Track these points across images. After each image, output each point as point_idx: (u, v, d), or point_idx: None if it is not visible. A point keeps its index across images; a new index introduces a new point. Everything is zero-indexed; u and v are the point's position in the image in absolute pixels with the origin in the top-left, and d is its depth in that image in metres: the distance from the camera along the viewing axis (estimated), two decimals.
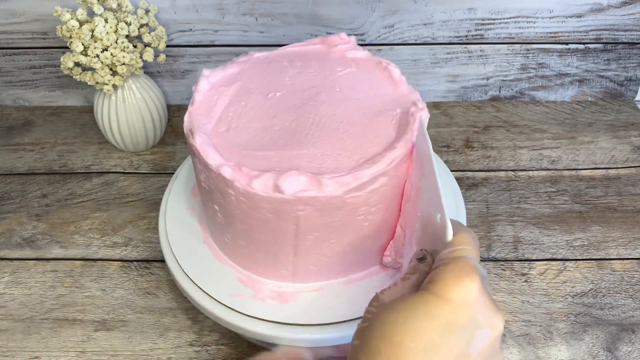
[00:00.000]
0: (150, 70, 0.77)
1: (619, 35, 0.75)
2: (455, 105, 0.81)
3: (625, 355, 0.51)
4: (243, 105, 0.47)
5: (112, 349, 0.52)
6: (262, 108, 0.47)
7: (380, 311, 0.31)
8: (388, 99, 0.47)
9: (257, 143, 0.44)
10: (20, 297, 0.57)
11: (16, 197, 0.68)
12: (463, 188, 0.67)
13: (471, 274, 0.30)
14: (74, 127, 0.78)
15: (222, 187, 0.42)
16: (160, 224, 0.53)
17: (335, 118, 0.45)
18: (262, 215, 0.42)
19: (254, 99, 0.48)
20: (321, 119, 0.45)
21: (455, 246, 0.33)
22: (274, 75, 0.50)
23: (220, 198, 0.43)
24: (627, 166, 0.70)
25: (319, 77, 0.50)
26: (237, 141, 0.44)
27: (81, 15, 0.61)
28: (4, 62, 0.77)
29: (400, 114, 0.45)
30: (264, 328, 0.44)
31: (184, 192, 0.56)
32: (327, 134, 0.44)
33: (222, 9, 0.72)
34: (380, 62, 0.51)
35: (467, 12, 0.72)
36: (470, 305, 0.30)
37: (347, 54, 0.53)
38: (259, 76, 0.50)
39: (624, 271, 0.58)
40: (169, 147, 0.74)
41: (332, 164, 0.41)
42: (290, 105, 0.47)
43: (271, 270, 0.47)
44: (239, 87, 0.49)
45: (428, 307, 0.30)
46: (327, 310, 0.45)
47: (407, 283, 0.34)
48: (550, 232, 0.62)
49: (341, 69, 0.51)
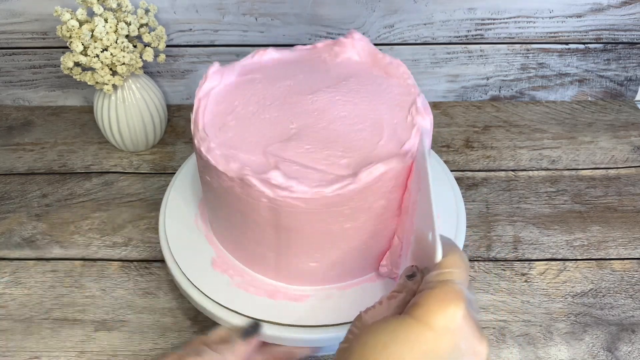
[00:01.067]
0: (150, 70, 0.77)
1: (619, 35, 0.75)
2: (455, 105, 0.81)
3: (625, 355, 0.51)
4: (247, 98, 0.47)
5: (112, 349, 0.52)
6: (265, 105, 0.47)
7: (362, 333, 0.31)
8: (393, 105, 0.47)
9: (253, 140, 0.44)
10: (20, 297, 0.57)
11: (16, 197, 0.68)
12: (463, 188, 0.67)
13: (456, 300, 0.29)
14: (73, 127, 0.78)
15: (222, 182, 0.42)
16: (160, 224, 0.53)
17: (337, 122, 0.45)
18: (256, 215, 0.42)
19: (259, 95, 0.48)
20: (322, 123, 0.45)
21: (443, 269, 0.32)
22: (283, 75, 0.50)
23: (219, 191, 0.43)
24: (627, 166, 0.70)
25: (325, 79, 0.49)
26: (236, 135, 0.44)
27: (81, 15, 0.61)
28: (4, 62, 0.77)
29: (403, 122, 0.45)
30: (271, 330, 0.45)
31: (184, 192, 0.56)
32: (325, 138, 0.44)
33: (222, 9, 0.72)
34: (390, 63, 0.50)
35: (467, 12, 0.72)
36: (453, 333, 0.29)
37: (355, 57, 0.52)
38: (268, 75, 0.50)
39: (624, 271, 0.58)
40: (168, 147, 0.74)
41: (326, 168, 0.41)
42: (292, 106, 0.47)
43: (266, 271, 0.47)
44: (244, 90, 0.49)
45: (409, 333, 0.29)
46: (328, 313, 0.46)
47: (393, 302, 0.33)
48: (550, 232, 0.62)
49: (349, 71, 0.51)
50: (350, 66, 0.51)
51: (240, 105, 0.47)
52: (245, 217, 0.43)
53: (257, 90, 0.48)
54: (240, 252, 0.48)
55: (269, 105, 0.47)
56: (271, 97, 0.47)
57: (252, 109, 0.46)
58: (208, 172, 0.44)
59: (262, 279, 0.48)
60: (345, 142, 0.43)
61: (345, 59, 0.52)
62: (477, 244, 0.61)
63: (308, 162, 0.42)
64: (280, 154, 0.42)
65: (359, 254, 0.45)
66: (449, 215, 0.53)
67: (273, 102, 0.47)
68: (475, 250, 0.60)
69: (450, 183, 0.56)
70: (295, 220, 0.41)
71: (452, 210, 0.53)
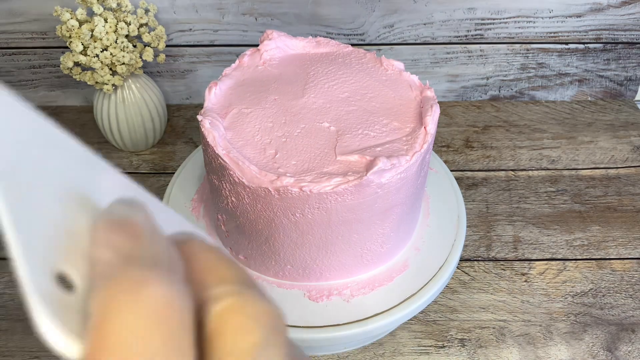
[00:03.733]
0: (150, 70, 0.77)
1: (619, 35, 0.75)
2: (455, 105, 0.81)
3: (625, 355, 0.51)
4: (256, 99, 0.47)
5: None
6: (274, 109, 0.47)
7: None
8: (401, 107, 0.47)
9: (261, 141, 0.44)
10: (19, 297, 0.57)
11: None
12: (463, 188, 0.67)
13: None
14: (73, 127, 0.78)
15: (222, 174, 0.42)
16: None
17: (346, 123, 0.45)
18: (265, 210, 0.42)
19: (269, 99, 0.48)
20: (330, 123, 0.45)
21: None
22: (297, 76, 0.50)
23: (220, 185, 0.43)
24: (627, 166, 0.70)
25: (338, 82, 0.50)
26: (242, 135, 0.44)
27: (81, 14, 0.61)
28: (4, 61, 0.77)
29: (411, 127, 0.45)
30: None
31: (183, 192, 0.56)
32: (326, 137, 0.44)
33: (222, 9, 0.72)
34: (401, 72, 0.51)
35: (466, 11, 0.72)
36: None
37: (290, 51, 0.53)
38: (279, 75, 0.50)
39: (623, 271, 0.58)
40: (168, 147, 0.74)
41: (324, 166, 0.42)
42: (302, 109, 0.47)
43: (267, 268, 0.47)
44: (256, 90, 0.49)
45: None
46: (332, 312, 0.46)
47: None
48: (550, 232, 0.62)
49: (362, 74, 0.51)
50: (301, 57, 0.52)
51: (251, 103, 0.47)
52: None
53: (266, 111, 0.48)
54: (240, 249, 0.48)
55: (288, 121, 0.46)
56: (282, 113, 0.47)
57: (278, 132, 0.45)
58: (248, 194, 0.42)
59: (263, 277, 0.48)
60: (346, 142, 0.43)
61: (285, 56, 0.53)
62: (477, 243, 0.61)
63: (308, 162, 0.42)
64: (281, 154, 0.42)
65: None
66: (450, 215, 0.53)
67: (287, 117, 0.46)
68: (475, 250, 0.60)
69: (450, 183, 0.56)
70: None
71: (452, 210, 0.53)
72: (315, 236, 0.43)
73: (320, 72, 0.50)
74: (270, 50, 0.52)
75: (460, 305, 0.55)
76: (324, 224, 0.42)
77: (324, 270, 0.46)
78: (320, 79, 0.49)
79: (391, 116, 0.46)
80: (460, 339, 0.52)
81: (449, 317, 0.54)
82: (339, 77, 0.49)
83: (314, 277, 0.47)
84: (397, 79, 0.50)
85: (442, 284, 0.48)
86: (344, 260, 0.46)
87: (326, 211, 0.41)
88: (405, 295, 0.46)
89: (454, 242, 0.50)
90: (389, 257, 0.48)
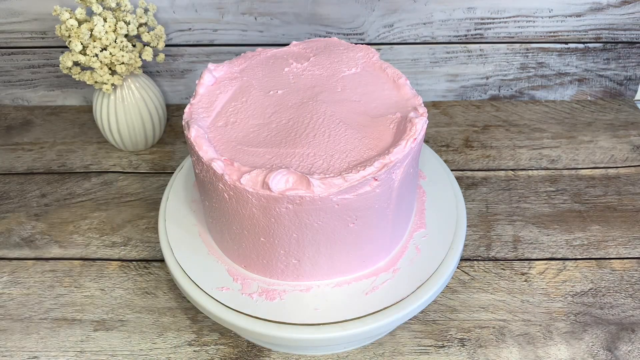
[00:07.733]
0: (150, 70, 0.77)
1: (619, 35, 0.75)
2: (455, 104, 0.81)
3: (625, 354, 0.51)
4: (243, 101, 0.47)
5: (111, 348, 0.52)
6: (262, 105, 0.47)
7: None
8: (389, 102, 0.47)
9: (252, 139, 0.44)
10: (19, 297, 0.57)
11: (15, 197, 0.68)
12: (462, 187, 0.67)
13: None
14: (73, 126, 0.78)
15: (213, 181, 0.42)
16: (159, 224, 0.53)
17: (333, 119, 0.45)
18: (248, 211, 0.42)
19: (255, 95, 0.48)
20: (319, 119, 0.45)
21: None
22: (278, 73, 0.50)
23: (212, 191, 0.43)
24: (627, 165, 0.70)
25: (322, 77, 0.50)
26: (232, 136, 0.44)
27: (80, 14, 0.61)
28: (3, 61, 0.77)
29: (399, 119, 0.45)
30: (266, 328, 0.44)
31: (183, 191, 0.56)
32: (322, 135, 0.44)
33: (221, 9, 0.72)
34: (384, 67, 0.51)
35: (466, 11, 0.72)
36: None
37: (352, 54, 0.53)
38: (263, 73, 0.50)
39: (623, 270, 0.58)
40: (168, 146, 0.74)
41: (323, 164, 0.41)
42: (290, 103, 0.47)
43: (264, 268, 0.47)
44: (242, 83, 0.49)
45: None
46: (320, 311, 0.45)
47: None
48: (549, 232, 0.62)
49: (346, 69, 0.51)
50: (350, 64, 0.52)
51: (237, 104, 0.47)
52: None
53: (255, 91, 0.48)
54: (237, 251, 0.48)
55: (267, 104, 0.47)
56: (269, 98, 0.47)
57: (249, 109, 0.46)
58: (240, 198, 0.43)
59: (258, 277, 0.48)
60: (341, 140, 0.43)
61: (345, 58, 0.52)
62: (476, 243, 0.61)
63: (307, 161, 0.42)
64: (277, 151, 0.42)
65: (355, 251, 0.46)
66: (449, 215, 0.53)
67: (271, 102, 0.47)
68: (474, 249, 0.60)
69: (450, 182, 0.56)
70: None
71: (452, 209, 0.53)
72: (312, 235, 0.43)
73: (349, 82, 0.50)
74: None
75: (460, 305, 0.55)
76: (324, 224, 0.42)
77: (322, 269, 0.46)
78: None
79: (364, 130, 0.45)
80: (460, 338, 0.52)
81: (448, 317, 0.54)
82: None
83: (313, 276, 0.47)
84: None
85: (442, 283, 0.48)
86: (342, 259, 0.46)
87: (327, 212, 0.41)
88: (404, 295, 0.46)
89: (453, 242, 0.50)
90: (389, 256, 0.48)
